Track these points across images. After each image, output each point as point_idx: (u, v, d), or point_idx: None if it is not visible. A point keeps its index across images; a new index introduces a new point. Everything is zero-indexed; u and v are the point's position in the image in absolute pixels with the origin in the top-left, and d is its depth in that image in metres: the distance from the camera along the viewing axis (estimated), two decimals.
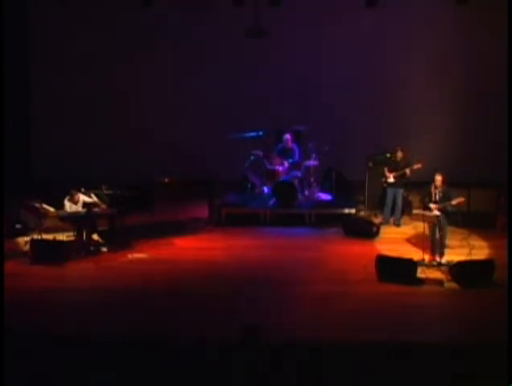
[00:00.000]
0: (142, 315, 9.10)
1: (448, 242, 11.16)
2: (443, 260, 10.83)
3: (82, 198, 11.67)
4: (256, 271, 10.87)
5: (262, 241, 12.60)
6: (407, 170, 13.18)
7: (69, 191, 11.71)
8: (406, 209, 13.74)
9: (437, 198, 10.90)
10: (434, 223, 10.83)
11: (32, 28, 16.63)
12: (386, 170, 13.52)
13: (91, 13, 16.35)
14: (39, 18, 16.58)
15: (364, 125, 16.45)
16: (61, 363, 7.47)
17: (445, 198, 10.89)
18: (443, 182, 10.99)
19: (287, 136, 14.38)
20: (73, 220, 11.74)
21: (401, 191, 13.44)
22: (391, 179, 13.37)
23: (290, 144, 14.36)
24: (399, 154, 13.46)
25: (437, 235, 10.89)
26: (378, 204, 14.12)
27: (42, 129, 16.94)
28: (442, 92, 16.29)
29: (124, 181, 12.99)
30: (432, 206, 10.84)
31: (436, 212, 10.80)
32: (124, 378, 7.28)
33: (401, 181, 13.39)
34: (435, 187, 10.94)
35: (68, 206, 11.68)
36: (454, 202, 10.88)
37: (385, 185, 13.59)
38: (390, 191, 13.51)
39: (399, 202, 13.46)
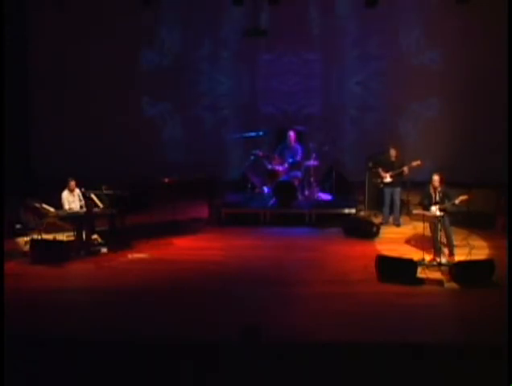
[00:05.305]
0: (142, 315, 9.10)
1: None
2: (455, 259, 10.78)
3: (77, 191, 11.75)
4: (256, 271, 10.86)
5: (261, 241, 12.57)
6: (405, 168, 12.99)
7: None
8: (404, 208, 13.73)
9: (437, 198, 10.86)
10: (435, 224, 10.81)
11: (32, 28, 16.63)
12: (380, 170, 13.34)
13: (91, 13, 16.35)
14: (38, 18, 16.58)
15: (364, 125, 16.47)
16: (61, 364, 7.48)
17: (445, 198, 10.85)
18: (442, 181, 10.91)
19: (291, 133, 14.22)
20: (73, 220, 11.75)
21: (398, 190, 13.27)
22: (388, 179, 13.17)
23: (293, 142, 14.26)
24: (393, 153, 13.21)
25: (439, 235, 10.85)
26: (378, 205, 14.07)
27: (42, 129, 16.94)
28: (442, 92, 16.29)
29: (124, 181, 12.98)
30: (434, 207, 10.78)
31: (438, 213, 10.76)
32: (124, 378, 7.28)
33: (398, 180, 13.21)
34: (434, 188, 10.88)
35: (66, 198, 11.68)
36: (457, 201, 10.81)
37: (381, 185, 13.38)
38: (387, 191, 13.30)
39: (397, 201, 13.31)
